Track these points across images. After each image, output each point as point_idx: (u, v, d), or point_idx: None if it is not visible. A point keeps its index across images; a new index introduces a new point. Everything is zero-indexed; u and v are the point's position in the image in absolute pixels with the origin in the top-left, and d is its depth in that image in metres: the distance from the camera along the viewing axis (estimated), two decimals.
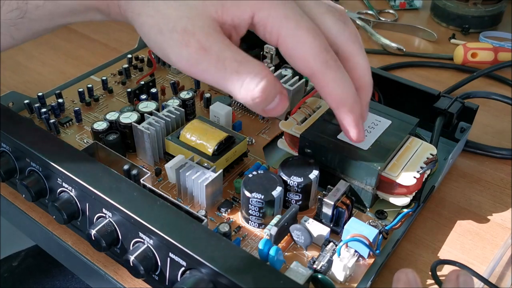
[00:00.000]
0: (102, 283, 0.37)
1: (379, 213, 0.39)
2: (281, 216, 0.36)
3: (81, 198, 0.35)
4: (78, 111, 0.48)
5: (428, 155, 0.39)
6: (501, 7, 0.69)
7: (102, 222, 0.34)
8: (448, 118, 0.45)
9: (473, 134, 0.49)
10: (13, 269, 0.61)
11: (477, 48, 0.61)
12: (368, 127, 0.41)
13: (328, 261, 0.35)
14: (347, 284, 0.35)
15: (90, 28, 0.69)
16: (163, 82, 0.55)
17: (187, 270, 0.30)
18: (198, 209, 0.39)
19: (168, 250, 0.31)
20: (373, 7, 0.75)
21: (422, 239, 0.39)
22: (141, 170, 0.39)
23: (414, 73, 0.62)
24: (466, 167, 0.47)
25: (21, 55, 0.63)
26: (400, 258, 0.38)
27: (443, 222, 0.41)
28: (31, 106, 0.48)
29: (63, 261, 0.42)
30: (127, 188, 0.34)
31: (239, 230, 0.38)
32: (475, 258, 0.38)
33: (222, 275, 0.28)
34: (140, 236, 0.32)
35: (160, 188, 0.41)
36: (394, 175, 0.37)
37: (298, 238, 0.36)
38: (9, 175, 0.40)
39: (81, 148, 0.40)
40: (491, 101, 0.53)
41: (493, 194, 0.44)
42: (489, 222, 0.41)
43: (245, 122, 0.49)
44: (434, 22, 0.73)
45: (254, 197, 0.36)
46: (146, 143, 0.42)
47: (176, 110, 0.45)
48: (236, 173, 0.43)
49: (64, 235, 0.39)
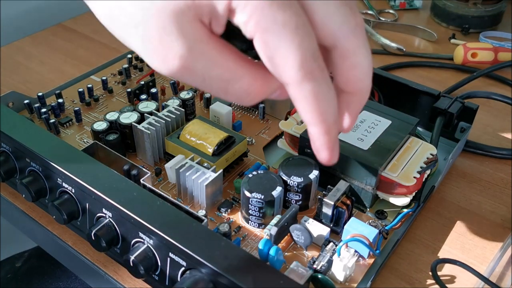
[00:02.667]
0: (102, 283, 0.37)
1: (379, 213, 0.39)
2: (281, 216, 0.36)
3: (81, 198, 0.35)
4: (78, 111, 0.48)
5: (428, 155, 0.39)
6: (501, 7, 0.69)
7: (102, 222, 0.34)
8: (448, 118, 0.45)
9: (473, 134, 0.49)
10: (17, 270, 0.61)
11: (477, 48, 0.61)
12: (368, 127, 0.41)
13: (328, 261, 0.35)
14: (347, 284, 0.35)
15: (90, 28, 0.69)
16: (163, 82, 0.54)
17: (187, 270, 0.30)
18: (198, 209, 0.39)
19: (168, 250, 0.31)
20: (373, 7, 0.75)
21: (422, 239, 0.39)
22: (141, 170, 0.39)
23: (414, 73, 0.62)
24: (466, 167, 0.47)
25: (21, 55, 0.63)
26: (400, 258, 0.38)
27: (443, 222, 0.41)
28: (31, 106, 0.48)
29: (63, 261, 0.42)
30: (127, 188, 0.34)
31: (239, 230, 0.38)
32: (475, 258, 0.38)
33: (222, 275, 0.28)
34: (140, 236, 0.32)
35: (160, 188, 0.41)
36: (394, 175, 0.37)
37: (298, 238, 0.36)
38: (9, 175, 0.40)
39: (81, 148, 0.40)
40: (491, 101, 0.53)
41: (493, 194, 0.44)
42: (489, 222, 0.41)
43: (245, 122, 0.49)
44: (434, 22, 0.73)
45: (254, 197, 0.36)
46: (146, 143, 0.42)
47: (176, 110, 0.45)
48: (236, 173, 0.43)
49: (64, 235, 0.39)
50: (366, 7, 0.76)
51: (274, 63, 0.22)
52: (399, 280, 0.36)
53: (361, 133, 0.40)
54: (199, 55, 0.22)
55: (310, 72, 0.23)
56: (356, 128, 0.41)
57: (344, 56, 0.25)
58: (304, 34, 0.22)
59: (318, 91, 0.23)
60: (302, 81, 0.23)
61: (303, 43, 0.22)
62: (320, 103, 0.24)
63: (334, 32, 0.24)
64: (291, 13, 0.21)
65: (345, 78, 0.26)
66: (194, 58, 0.22)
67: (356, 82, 0.26)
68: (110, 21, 0.23)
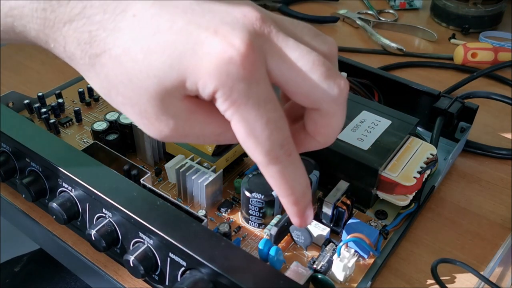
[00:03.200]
0: (102, 283, 0.37)
1: (379, 213, 0.39)
2: (281, 216, 0.36)
3: (81, 198, 0.35)
4: (78, 111, 0.48)
5: (428, 155, 0.39)
6: (501, 7, 0.69)
7: (102, 222, 0.34)
8: (448, 118, 0.45)
9: (473, 134, 0.49)
10: (15, 275, 0.60)
11: (477, 48, 0.61)
12: (368, 127, 0.41)
13: (328, 261, 0.35)
14: (347, 284, 0.35)
15: None
16: None
17: (187, 270, 0.30)
18: (198, 209, 0.39)
19: (168, 250, 0.31)
20: (373, 7, 0.75)
21: (422, 239, 0.39)
22: (141, 170, 0.39)
23: (414, 73, 0.62)
24: (466, 167, 0.47)
25: (21, 54, 0.63)
26: (400, 258, 0.38)
27: (443, 222, 0.41)
28: (31, 106, 0.48)
29: (63, 261, 0.42)
30: (127, 188, 0.34)
31: (239, 230, 0.38)
32: (475, 258, 0.38)
33: (222, 275, 0.28)
34: (140, 236, 0.32)
35: (160, 188, 0.41)
36: (394, 175, 0.37)
37: (298, 238, 0.36)
38: (9, 175, 0.40)
39: (81, 148, 0.40)
40: (491, 101, 0.53)
41: (493, 194, 0.44)
42: (489, 222, 0.41)
43: None
44: (434, 22, 0.73)
45: (254, 197, 0.36)
46: (146, 143, 0.42)
47: None
48: (236, 173, 0.43)
49: (64, 235, 0.39)
50: (366, 7, 0.76)
51: (244, 146, 0.24)
52: (399, 280, 0.36)
53: (361, 133, 0.40)
54: (192, 124, 0.25)
55: (275, 157, 0.24)
56: (356, 128, 0.41)
57: (321, 115, 0.26)
58: (274, 128, 0.24)
59: (283, 172, 0.25)
60: (268, 164, 0.24)
61: (272, 136, 0.24)
62: (287, 181, 0.25)
63: (316, 100, 0.25)
64: (264, 110, 0.23)
65: (316, 130, 0.27)
66: (188, 128, 0.25)
67: (325, 137, 0.27)
68: (108, 98, 0.25)
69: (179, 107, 0.24)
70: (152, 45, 0.23)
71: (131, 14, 0.23)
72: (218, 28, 0.23)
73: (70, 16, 0.23)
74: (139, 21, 0.23)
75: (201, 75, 0.22)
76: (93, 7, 0.23)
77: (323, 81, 0.25)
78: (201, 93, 0.23)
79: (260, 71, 0.23)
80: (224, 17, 0.23)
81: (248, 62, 0.22)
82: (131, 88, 0.23)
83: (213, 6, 0.24)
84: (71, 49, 0.24)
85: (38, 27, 0.24)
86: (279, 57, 0.24)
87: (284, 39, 0.24)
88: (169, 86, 0.23)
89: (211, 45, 0.22)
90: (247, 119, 0.23)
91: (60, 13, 0.23)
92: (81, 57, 0.24)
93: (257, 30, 0.24)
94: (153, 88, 0.23)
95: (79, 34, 0.23)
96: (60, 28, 0.23)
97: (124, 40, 0.23)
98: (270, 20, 0.25)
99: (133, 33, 0.23)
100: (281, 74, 0.25)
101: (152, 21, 0.23)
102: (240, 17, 0.23)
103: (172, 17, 0.23)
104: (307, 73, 0.25)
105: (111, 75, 0.24)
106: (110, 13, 0.23)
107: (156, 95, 0.23)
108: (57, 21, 0.23)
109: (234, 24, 0.23)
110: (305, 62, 0.24)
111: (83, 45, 0.23)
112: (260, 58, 0.23)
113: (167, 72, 0.23)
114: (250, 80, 0.23)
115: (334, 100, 0.25)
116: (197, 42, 0.22)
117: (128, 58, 0.23)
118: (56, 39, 0.24)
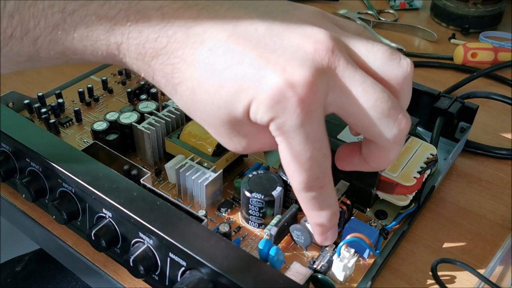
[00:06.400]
0: (102, 283, 0.37)
1: (379, 213, 0.39)
2: (281, 216, 0.36)
3: (81, 198, 0.35)
4: (78, 111, 0.48)
5: (428, 155, 0.39)
6: (501, 7, 0.69)
7: (102, 222, 0.34)
8: (448, 118, 0.45)
9: (473, 134, 0.49)
10: (16, 274, 0.60)
11: (477, 48, 0.61)
12: None
13: (328, 261, 0.35)
14: (347, 284, 0.35)
15: None
16: None
17: (187, 270, 0.30)
18: (198, 209, 0.39)
19: (168, 250, 0.31)
20: (373, 7, 0.75)
21: (422, 239, 0.39)
22: (141, 170, 0.39)
23: (414, 73, 0.61)
24: (466, 167, 0.47)
25: None
26: (400, 258, 0.38)
27: (443, 222, 0.41)
28: (31, 106, 0.48)
29: (63, 261, 0.42)
30: (127, 188, 0.34)
31: (239, 230, 0.38)
32: (475, 258, 0.38)
33: (222, 275, 0.28)
34: (140, 236, 0.32)
35: (160, 188, 0.41)
36: (394, 175, 0.37)
37: (298, 238, 0.36)
38: (9, 175, 0.40)
39: (81, 148, 0.40)
40: (491, 101, 0.53)
41: (493, 194, 0.44)
42: (489, 222, 0.41)
43: None
44: (434, 22, 0.73)
45: (254, 197, 0.36)
46: (146, 143, 0.42)
47: (176, 110, 0.44)
48: (236, 173, 0.43)
49: (64, 235, 0.39)
50: (366, 7, 0.76)
51: (285, 168, 0.27)
52: (399, 280, 0.36)
53: None
54: (263, 141, 0.27)
55: (309, 187, 0.27)
56: None
57: (377, 148, 0.28)
58: (314, 165, 0.26)
59: (313, 199, 0.28)
60: (300, 190, 0.27)
61: (310, 170, 0.26)
62: (314, 207, 0.28)
63: (374, 136, 0.27)
64: (310, 147, 0.25)
65: (370, 158, 0.29)
66: (259, 143, 0.28)
67: (377, 165, 0.29)
68: (192, 117, 0.28)
69: (248, 130, 0.26)
70: (222, 79, 0.25)
71: (207, 48, 0.25)
72: (286, 65, 0.24)
73: (157, 51, 0.25)
74: (213, 56, 0.25)
75: (260, 106, 0.24)
76: (176, 41, 0.25)
77: (383, 119, 0.26)
78: (259, 122, 0.25)
79: (316, 112, 0.25)
80: (293, 53, 0.25)
81: (306, 103, 0.24)
82: (206, 115, 0.26)
83: (284, 41, 0.25)
84: (158, 78, 0.27)
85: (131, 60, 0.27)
86: (341, 93, 0.25)
87: (351, 73, 0.25)
88: (237, 115, 0.25)
89: (274, 80, 0.24)
90: (292, 149, 0.25)
91: (149, 49, 0.26)
92: (165, 85, 0.27)
93: (325, 66, 0.25)
94: (224, 117, 0.26)
95: (164, 66, 0.26)
96: (149, 61, 0.26)
97: (199, 73, 0.25)
98: (343, 47, 0.26)
99: (207, 66, 0.25)
100: (341, 108, 0.26)
101: (225, 56, 0.25)
102: (310, 51, 0.25)
103: (244, 50, 0.25)
104: (368, 110, 0.25)
105: (189, 102, 0.27)
106: (189, 47, 0.25)
107: (227, 122, 0.26)
108: (147, 55, 0.26)
109: (303, 61, 0.24)
110: (368, 98, 0.25)
111: (167, 76, 0.26)
112: (320, 99, 0.25)
113: (235, 103, 0.25)
114: (304, 119, 0.24)
115: (391, 139, 0.26)
116: (264, 76, 0.24)
117: (202, 90, 0.25)
118: (146, 70, 0.27)
